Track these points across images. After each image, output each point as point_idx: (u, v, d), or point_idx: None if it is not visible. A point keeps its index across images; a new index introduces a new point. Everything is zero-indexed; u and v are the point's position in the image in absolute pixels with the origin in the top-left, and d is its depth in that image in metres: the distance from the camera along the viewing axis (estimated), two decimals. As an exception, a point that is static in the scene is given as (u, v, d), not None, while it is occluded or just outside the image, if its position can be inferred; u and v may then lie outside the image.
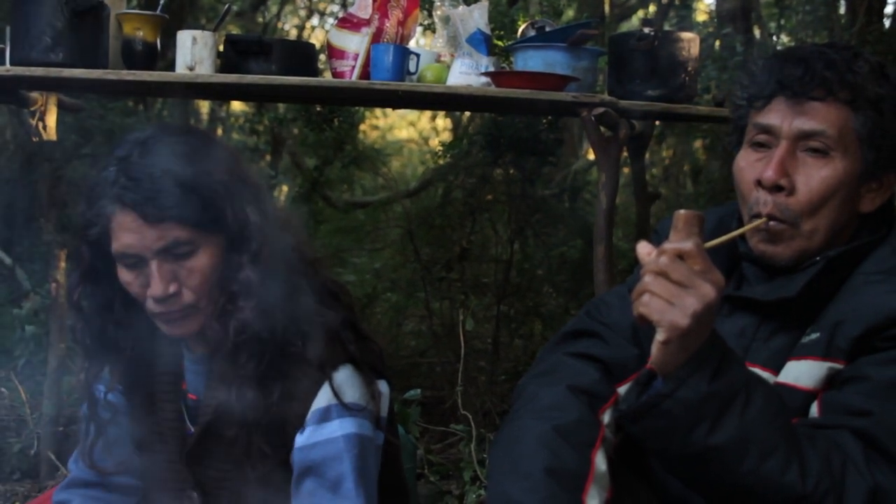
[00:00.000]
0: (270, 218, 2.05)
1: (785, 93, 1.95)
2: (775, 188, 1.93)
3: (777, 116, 1.96)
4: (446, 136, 10.79)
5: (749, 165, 2.00)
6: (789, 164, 1.93)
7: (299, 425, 2.01)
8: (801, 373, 1.89)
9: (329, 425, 2.00)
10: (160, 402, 2.13)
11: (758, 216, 1.96)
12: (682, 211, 1.68)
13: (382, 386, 2.13)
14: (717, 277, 1.67)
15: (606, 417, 1.98)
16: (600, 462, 1.88)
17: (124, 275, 1.98)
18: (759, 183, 1.95)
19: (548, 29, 3.72)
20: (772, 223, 1.95)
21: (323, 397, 2.01)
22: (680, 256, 1.65)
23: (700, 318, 1.63)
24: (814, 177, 1.93)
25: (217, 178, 1.98)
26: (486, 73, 3.47)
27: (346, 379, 2.03)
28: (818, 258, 1.95)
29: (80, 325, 2.08)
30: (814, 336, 1.90)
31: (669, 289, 1.64)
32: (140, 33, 3.45)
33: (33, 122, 4.16)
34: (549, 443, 1.89)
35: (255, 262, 1.99)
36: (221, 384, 2.02)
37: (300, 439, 2.01)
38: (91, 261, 2.03)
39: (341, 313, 2.12)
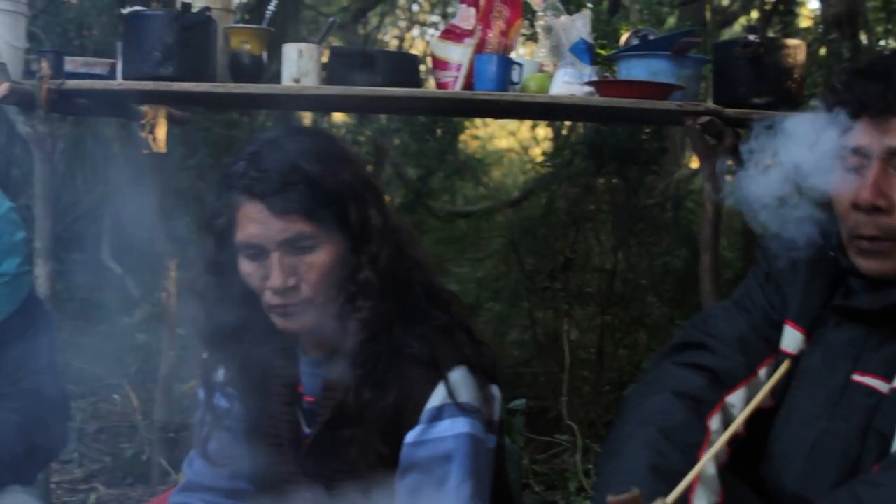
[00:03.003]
0: (391, 222, 2.08)
1: (868, 112, 1.92)
2: (873, 209, 1.90)
3: (865, 137, 1.92)
4: (547, 146, 10.76)
5: (843, 187, 1.96)
6: (884, 183, 1.89)
7: (414, 424, 2.03)
8: None
9: (441, 424, 2.01)
10: (275, 404, 2.15)
11: (859, 238, 1.94)
12: (610, 498, 1.62)
13: (495, 390, 2.13)
14: None
15: (714, 424, 1.97)
16: (709, 465, 1.86)
17: (245, 266, 2.03)
18: (855, 205, 1.92)
19: (651, 37, 3.70)
20: (874, 243, 1.92)
21: (437, 396, 2.02)
22: None
23: None
24: None
25: (343, 179, 2.02)
26: (590, 83, 3.46)
27: (460, 379, 2.04)
28: None
29: (201, 314, 2.12)
30: None
31: None
32: (247, 47, 3.50)
33: (143, 135, 4.25)
34: (654, 443, 1.89)
35: (374, 263, 2.02)
36: (339, 385, 2.04)
37: (410, 436, 2.02)
38: (216, 252, 2.08)
39: (456, 317, 2.15)
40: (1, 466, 2.16)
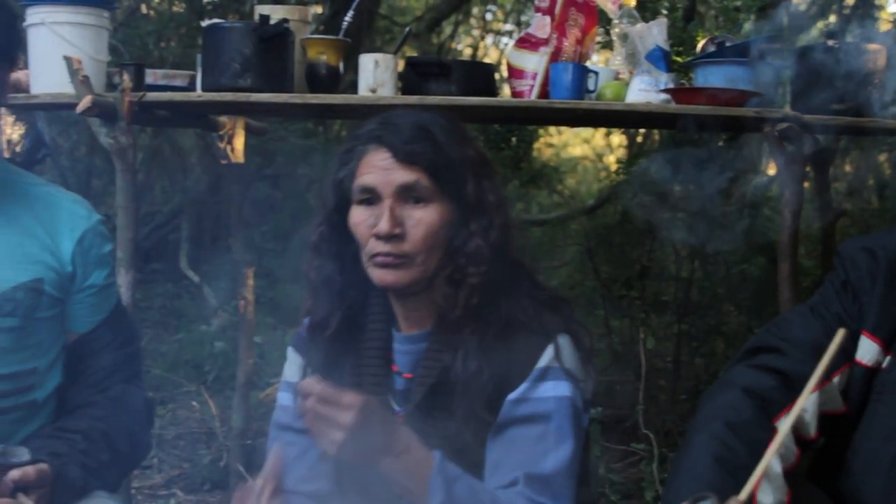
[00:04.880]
0: (503, 202, 2.15)
1: None
2: None
3: None
4: (621, 153, 10.71)
5: None
6: None
7: (518, 385, 2.05)
8: None
9: (544, 385, 2.03)
10: (367, 384, 2.16)
11: None
12: None
13: (591, 371, 2.15)
14: None
15: (783, 426, 1.95)
16: (774, 463, 1.84)
17: (356, 214, 2.08)
18: None
19: (728, 44, 3.67)
20: None
21: (544, 358, 2.04)
22: None
23: None
24: None
25: (466, 152, 2.10)
26: (666, 90, 3.45)
27: (566, 345, 2.07)
28: None
29: (314, 263, 2.17)
30: None
31: None
32: (323, 57, 3.53)
33: (222, 146, 4.30)
34: (720, 436, 1.90)
35: (486, 235, 2.07)
36: (442, 358, 2.07)
37: (513, 394, 2.03)
38: (334, 204, 2.14)
39: (559, 295, 2.21)
40: (87, 473, 2.19)
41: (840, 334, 1.90)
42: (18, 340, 2.23)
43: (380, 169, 2.05)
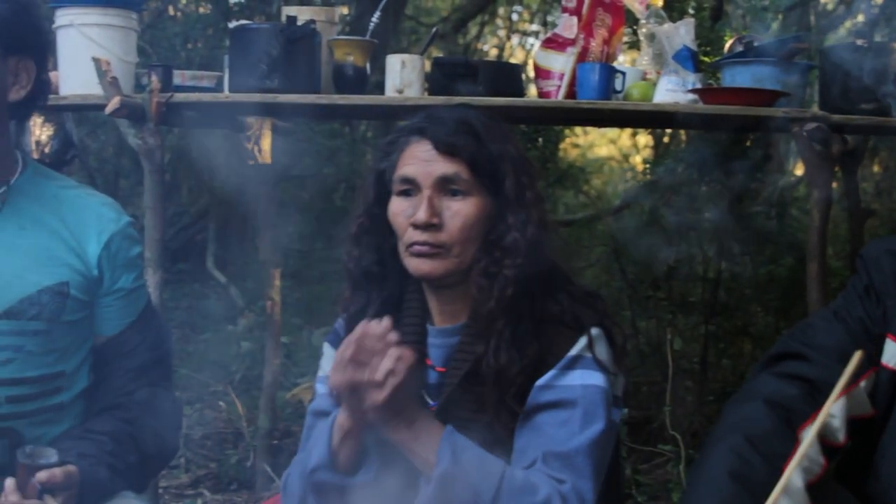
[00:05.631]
0: (541, 200, 2.16)
1: None
2: None
3: None
4: (647, 153, 10.68)
5: None
6: None
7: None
8: None
9: (573, 373, 2.03)
10: None
11: None
12: None
13: (622, 368, 2.16)
14: None
15: (806, 435, 1.93)
16: (795, 477, 1.82)
17: (396, 204, 2.11)
18: None
19: (756, 43, 3.65)
20: None
21: (576, 347, 2.05)
22: None
23: None
24: None
25: (506, 148, 2.13)
26: (694, 90, 3.43)
27: (599, 338, 2.08)
28: None
29: (353, 254, 2.20)
30: None
31: None
32: (350, 58, 3.54)
33: (249, 147, 4.31)
34: (737, 450, 1.87)
35: (523, 229, 2.08)
36: (474, 350, 2.08)
37: (541, 380, 2.04)
38: (375, 196, 2.18)
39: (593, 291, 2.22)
40: (114, 474, 2.19)
41: (857, 356, 1.90)
42: (44, 344, 2.23)
43: (421, 160, 2.08)
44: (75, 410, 2.35)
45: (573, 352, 2.05)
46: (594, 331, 2.07)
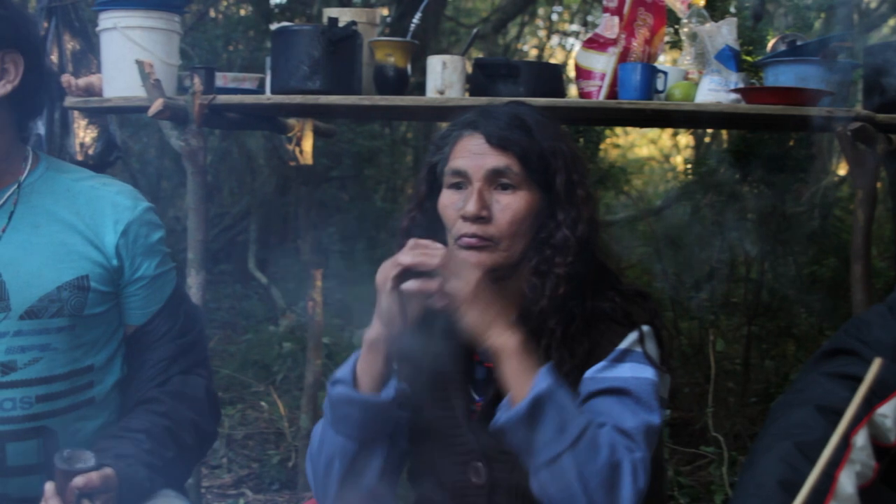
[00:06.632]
0: (592, 198, 2.18)
1: None
2: None
3: None
4: (688, 153, 10.64)
5: None
6: None
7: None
8: None
9: (623, 366, 2.04)
10: (449, 372, 2.17)
11: None
12: None
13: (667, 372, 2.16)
14: None
15: (859, 440, 1.90)
16: (846, 482, 1.80)
17: (446, 197, 2.13)
18: None
19: (799, 42, 3.63)
20: None
21: (626, 342, 2.06)
22: None
23: None
24: None
25: (559, 146, 2.14)
26: (736, 90, 3.41)
27: (650, 334, 2.09)
28: None
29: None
30: None
31: None
32: (391, 59, 3.54)
33: (291, 148, 4.34)
34: (787, 457, 1.84)
35: (574, 227, 2.09)
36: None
37: (590, 371, 2.05)
38: (427, 190, 2.21)
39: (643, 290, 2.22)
40: (153, 472, 2.18)
41: (877, 363, 1.87)
42: (70, 340, 2.24)
43: (472, 153, 2.09)
44: (111, 404, 2.35)
45: (623, 345, 2.05)
46: (645, 328, 2.08)
